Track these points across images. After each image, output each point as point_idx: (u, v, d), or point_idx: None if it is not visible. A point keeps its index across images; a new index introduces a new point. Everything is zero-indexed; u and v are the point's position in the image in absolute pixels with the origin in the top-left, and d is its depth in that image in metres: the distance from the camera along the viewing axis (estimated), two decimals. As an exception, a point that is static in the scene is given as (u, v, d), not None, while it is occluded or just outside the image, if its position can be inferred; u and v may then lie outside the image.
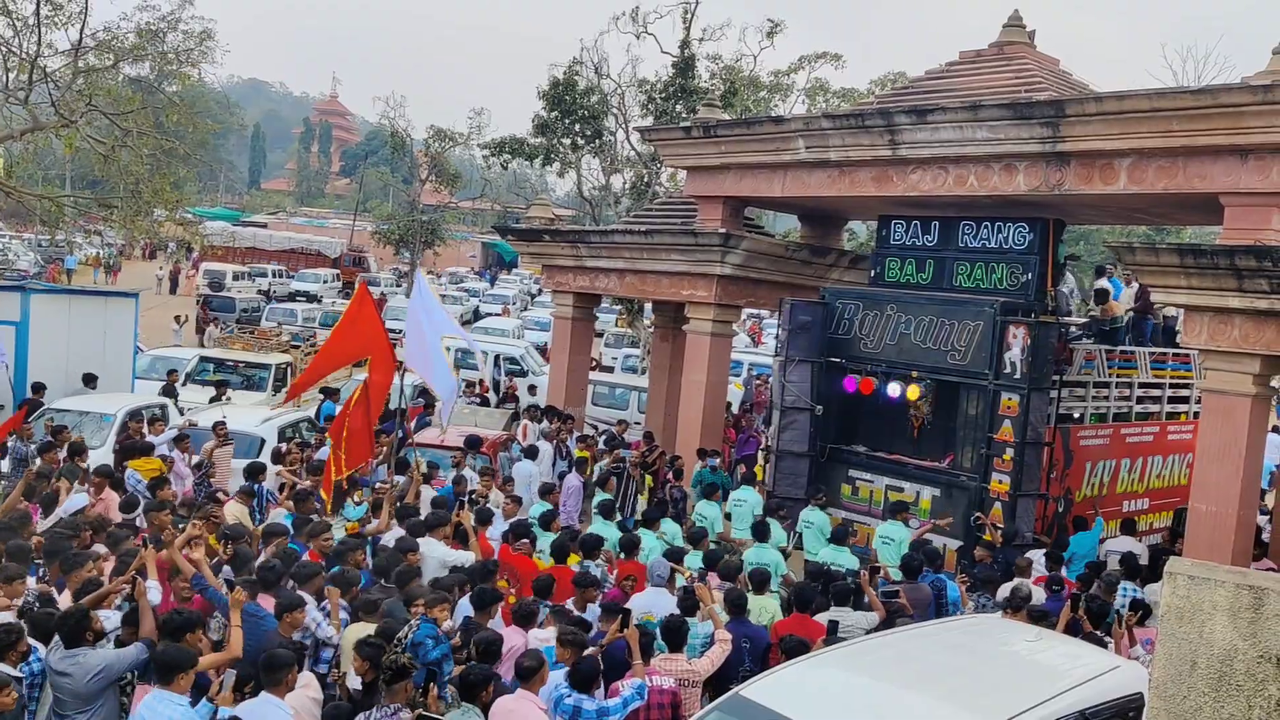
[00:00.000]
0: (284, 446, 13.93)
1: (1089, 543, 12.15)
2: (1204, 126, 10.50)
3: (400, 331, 15.07)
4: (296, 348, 25.34)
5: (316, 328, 32.27)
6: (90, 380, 16.07)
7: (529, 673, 6.57)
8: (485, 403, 18.78)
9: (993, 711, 5.73)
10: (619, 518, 12.42)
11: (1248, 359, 10.48)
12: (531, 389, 22.66)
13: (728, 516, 12.97)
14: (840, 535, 11.54)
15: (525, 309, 49.53)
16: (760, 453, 16.19)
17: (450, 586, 8.33)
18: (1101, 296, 14.82)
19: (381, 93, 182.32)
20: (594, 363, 23.98)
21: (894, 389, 13.59)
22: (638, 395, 21.72)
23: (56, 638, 6.48)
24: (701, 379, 15.76)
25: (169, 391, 17.61)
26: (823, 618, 8.64)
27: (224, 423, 13.75)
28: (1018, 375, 12.26)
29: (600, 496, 12.55)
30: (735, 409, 20.65)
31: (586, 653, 7.08)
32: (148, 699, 6.00)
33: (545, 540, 10.44)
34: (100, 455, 13.09)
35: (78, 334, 16.98)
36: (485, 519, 10.66)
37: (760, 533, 11.06)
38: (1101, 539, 12.52)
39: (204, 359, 21.08)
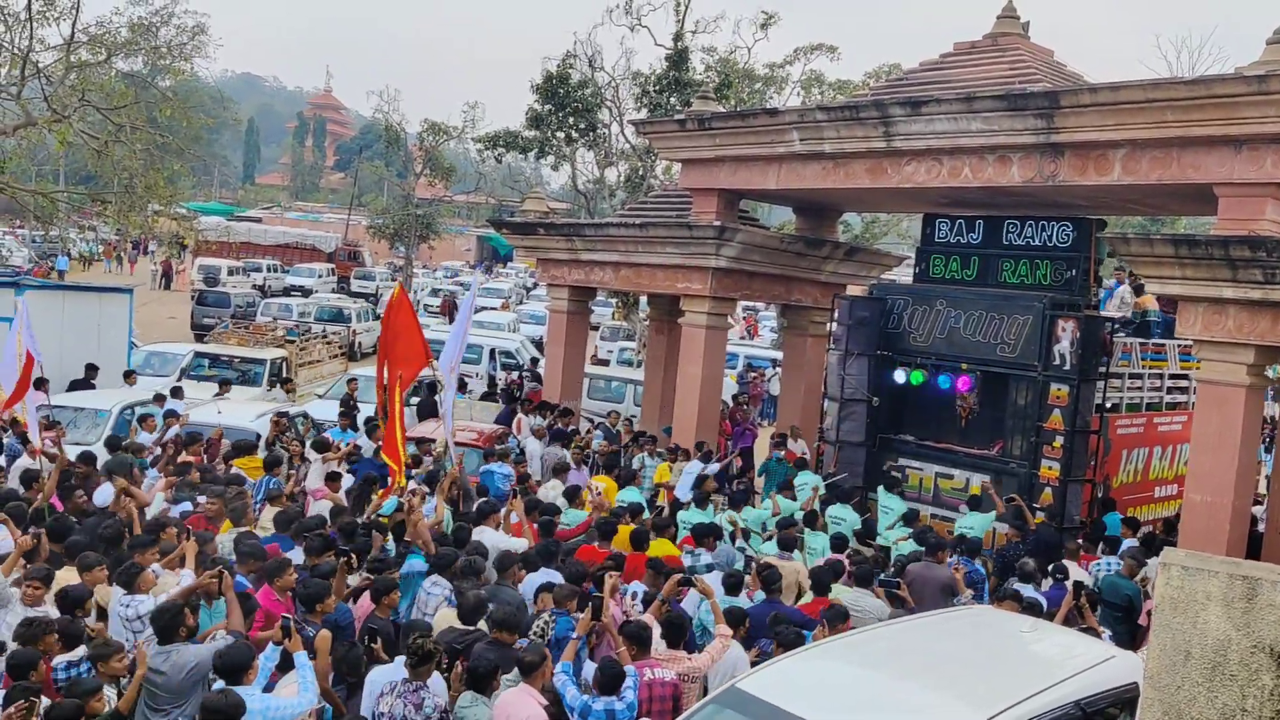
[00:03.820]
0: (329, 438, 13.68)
1: (1115, 521, 12.32)
2: (1198, 117, 10.48)
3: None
4: (292, 342, 25.32)
5: (311, 322, 32.19)
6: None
7: (530, 667, 6.58)
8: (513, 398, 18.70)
9: (989, 701, 5.73)
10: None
11: (1242, 349, 10.51)
12: (536, 363, 22.56)
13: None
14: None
15: (521, 303, 49.47)
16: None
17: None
18: (1139, 290, 15.17)
19: (375, 87, 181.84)
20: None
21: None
22: (633, 388, 21.70)
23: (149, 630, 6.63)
24: (697, 372, 15.76)
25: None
26: (845, 597, 8.67)
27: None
28: (1067, 367, 12.62)
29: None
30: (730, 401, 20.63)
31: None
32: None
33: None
34: (94, 450, 12.99)
35: (72, 330, 16.93)
36: (534, 507, 10.72)
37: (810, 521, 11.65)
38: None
39: (199, 354, 21.01)
